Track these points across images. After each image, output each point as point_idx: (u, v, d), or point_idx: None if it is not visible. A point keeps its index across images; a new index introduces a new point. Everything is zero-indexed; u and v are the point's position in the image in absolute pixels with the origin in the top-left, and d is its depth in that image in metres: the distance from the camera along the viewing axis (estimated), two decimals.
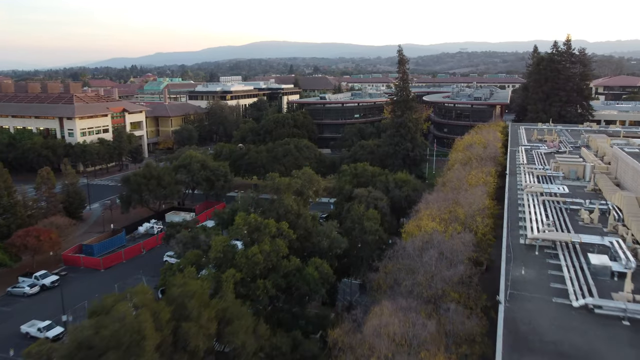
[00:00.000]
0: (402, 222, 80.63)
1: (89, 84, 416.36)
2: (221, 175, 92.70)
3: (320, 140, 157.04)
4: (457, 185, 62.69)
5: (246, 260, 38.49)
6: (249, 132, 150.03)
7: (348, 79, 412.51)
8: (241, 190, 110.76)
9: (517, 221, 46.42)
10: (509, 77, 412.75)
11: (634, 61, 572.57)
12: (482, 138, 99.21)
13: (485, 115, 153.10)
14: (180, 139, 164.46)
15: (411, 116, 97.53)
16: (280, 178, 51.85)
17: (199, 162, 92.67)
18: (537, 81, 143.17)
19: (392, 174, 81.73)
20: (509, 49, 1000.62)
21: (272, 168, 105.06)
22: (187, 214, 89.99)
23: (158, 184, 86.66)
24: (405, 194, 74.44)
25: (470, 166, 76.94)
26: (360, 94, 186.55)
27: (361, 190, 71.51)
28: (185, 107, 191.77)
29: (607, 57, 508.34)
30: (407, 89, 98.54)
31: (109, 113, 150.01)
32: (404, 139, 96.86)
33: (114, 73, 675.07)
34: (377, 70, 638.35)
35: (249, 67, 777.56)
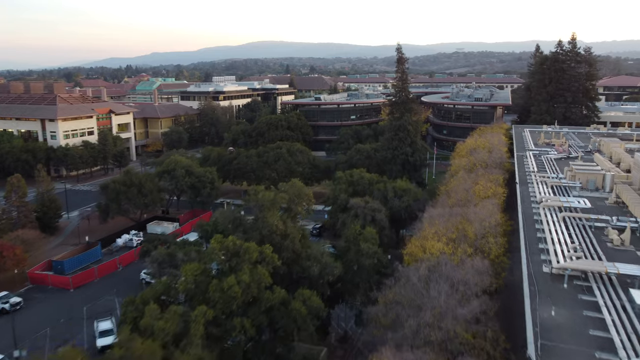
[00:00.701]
0: (402, 234, 74.66)
1: (81, 84, 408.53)
2: (207, 182, 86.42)
3: (315, 143, 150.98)
4: (463, 197, 56.64)
5: (221, 294, 32.40)
6: (240, 134, 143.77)
7: (345, 79, 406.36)
8: (228, 198, 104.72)
9: (536, 242, 40.39)
10: (507, 77, 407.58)
11: (631, 61, 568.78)
12: (486, 142, 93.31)
13: (487, 117, 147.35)
14: (169, 141, 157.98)
15: (410, 118, 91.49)
16: (264, 193, 45.51)
17: (183, 168, 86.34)
18: (541, 81, 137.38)
19: (391, 182, 75.69)
20: (505, 49, 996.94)
21: (263, 174, 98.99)
22: (171, 224, 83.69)
23: (139, 191, 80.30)
24: (405, 204, 68.38)
25: (475, 173, 70.96)
26: (356, 95, 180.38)
27: (357, 201, 65.46)
28: (175, 108, 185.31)
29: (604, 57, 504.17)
30: (407, 90, 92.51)
31: (94, 114, 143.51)
32: (403, 143, 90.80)
33: (109, 73, 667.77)
34: (374, 70, 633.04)
35: (245, 67, 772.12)
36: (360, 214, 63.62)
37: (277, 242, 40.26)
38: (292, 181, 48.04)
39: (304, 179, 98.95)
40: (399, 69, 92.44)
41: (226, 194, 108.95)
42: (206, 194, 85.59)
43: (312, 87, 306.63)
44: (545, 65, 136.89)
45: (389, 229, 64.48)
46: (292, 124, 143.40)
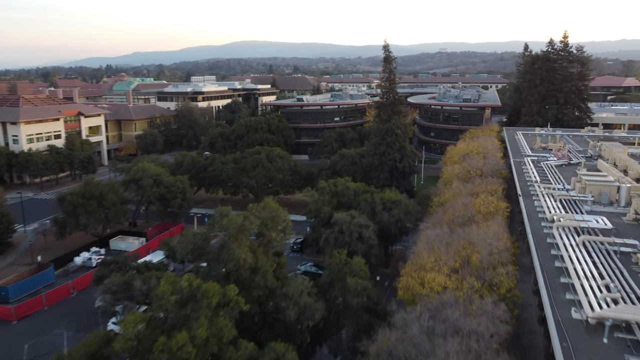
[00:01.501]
0: (391, 250, 67.94)
1: (57, 84, 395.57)
2: (178, 193, 78.70)
3: (297, 146, 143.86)
4: (462, 213, 49.98)
5: (169, 355, 25.28)
6: (218, 137, 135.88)
7: (328, 79, 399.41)
8: (203, 208, 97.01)
9: (556, 274, 33.85)
10: (491, 77, 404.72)
11: (610, 62, 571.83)
12: (479, 146, 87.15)
13: (475, 119, 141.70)
14: (143, 145, 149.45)
15: (399, 121, 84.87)
16: (230, 217, 38.20)
17: (151, 176, 78.47)
18: (532, 82, 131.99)
19: (379, 192, 68.87)
20: (487, 49, 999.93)
21: (240, 182, 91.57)
22: (136, 239, 75.80)
23: (99, 204, 72.34)
24: (395, 218, 61.62)
25: (472, 183, 64.52)
26: (340, 95, 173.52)
27: (342, 216, 58.49)
28: (151, 110, 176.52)
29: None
30: (394, 91, 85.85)
31: (62, 117, 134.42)
32: (391, 148, 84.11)
33: (88, 73, 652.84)
34: (357, 70, 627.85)
35: (227, 67, 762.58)
36: (346, 230, 56.74)
37: (245, 278, 33.25)
38: (264, 201, 40.89)
39: (285, 186, 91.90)
40: (386, 69, 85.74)
41: (201, 203, 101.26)
42: (176, 205, 77.86)
43: (294, 87, 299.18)
44: (536, 65, 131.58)
45: (378, 246, 57.63)
46: (273, 126, 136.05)
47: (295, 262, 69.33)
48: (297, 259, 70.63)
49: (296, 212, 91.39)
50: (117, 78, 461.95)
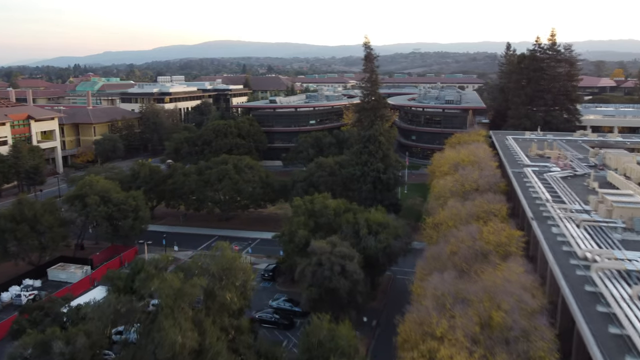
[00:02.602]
0: (376, 282, 58.48)
1: (17, 84, 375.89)
2: (129, 211, 67.77)
3: (270, 152, 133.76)
4: (468, 245, 40.77)
5: None
6: (184, 142, 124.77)
7: (303, 79, 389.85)
8: (164, 225, 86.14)
9: (615, 349, 24.78)
10: (467, 77, 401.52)
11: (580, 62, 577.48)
12: (470, 154, 78.59)
13: (459, 121, 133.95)
14: (102, 151, 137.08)
15: (382, 127, 75.64)
16: (163, 280, 27.97)
17: (98, 193, 67.36)
18: (518, 82, 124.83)
19: (363, 211, 59.45)
20: (459, 49, 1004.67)
21: (204, 195, 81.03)
22: (80, 267, 64.62)
23: (32, 229, 61.00)
24: (383, 244, 52.22)
25: (471, 202, 55.65)
26: (315, 96, 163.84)
27: (321, 244, 48.83)
28: (112, 112, 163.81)
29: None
30: (377, 93, 76.61)
31: (8, 121, 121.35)
32: (374, 157, 74.83)
33: (55, 72, 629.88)
34: (332, 70, 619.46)
35: (200, 67, 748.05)
36: (326, 262, 47.08)
37: None
38: (217, 245, 31.07)
39: (255, 200, 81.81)
40: (367, 68, 76.33)
41: (162, 219, 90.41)
42: (127, 226, 66.88)
43: (268, 88, 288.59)
44: (522, 64, 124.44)
45: (364, 279, 48.13)
46: (244, 130, 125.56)
47: (266, 294, 59.35)
48: (269, 291, 60.61)
49: (268, 228, 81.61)
50: (83, 78, 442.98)
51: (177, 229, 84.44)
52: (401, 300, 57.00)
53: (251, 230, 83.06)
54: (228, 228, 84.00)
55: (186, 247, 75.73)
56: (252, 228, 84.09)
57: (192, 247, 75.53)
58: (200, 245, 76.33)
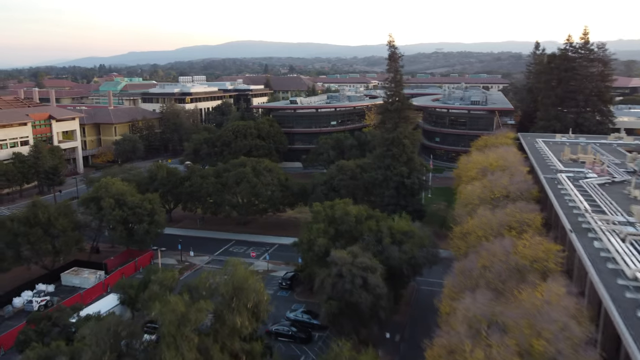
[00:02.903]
0: (399, 293, 55.32)
1: (43, 84, 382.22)
2: (145, 215, 65.96)
3: (290, 153, 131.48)
4: (502, 258, 37.43)
5: None
6: (203, 143, 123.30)
7: (324, 79, 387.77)
8: (181, 228, 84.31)
9: None
10: (491, 77, 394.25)
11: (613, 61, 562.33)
12: (499, 158, 74.80)
13: (484, 123, 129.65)
14: (121, 151, 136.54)
15: (407, 130, 72.41)
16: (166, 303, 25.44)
17: (113, 196, 65.75)
18: (548, 82, 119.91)
19: (386, 218, 56.48)
20: (483, 49, 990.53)
21: (222, 199, 78.91)
22: (93, 272, 62.98)
23: (45, 232, 59.60)
24: (408, 255, 49.16)
25: (502, 211, 52.18)
26: (337, 97, 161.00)
27: (342, 255, 46.02)
28: (132, 112, 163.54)
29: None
30: (401, 94, 73.46)
31: (29, 121, 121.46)
32: (398, 161, 71.64)
33: (81, 72, 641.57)
34: (354, 70, 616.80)
35: (223, 67, 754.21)
36: (346, 274, 44.27)
37: None
38: (228, 262, 28.42)
39: (273, 204, 79.40)
40: (391, 68, 73.13)
41: (179, 222, 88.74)
42: (142, 231, 65.04)
43: (289, 88, 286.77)
44: (553, 64, 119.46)
45: (387, 294, 45.14)
46: (263, 131, 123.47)
47: (283, 304, 56.72)
48: (286, 300, 57.98)
49: (287, 233, 79.20)
50: (107, 78, 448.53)
51: (194, 233, 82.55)
52: (426, 313, 53.89)
53: (269, 235, 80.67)
54: (246, 232, 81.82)
55: (203, 251, 73.71)
56: (270, 233, 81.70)
57: (209, 252, 73.50)
58: (217, 250, 74.26)
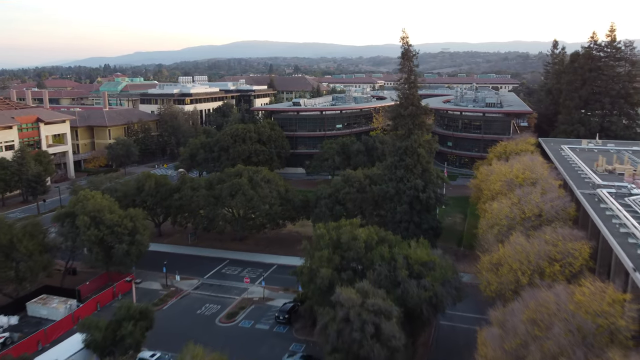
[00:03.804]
0: (416, 332, 46.96)
1: (44, 84, 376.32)
2: (124, 235, 58.00)
3: (292, 158, 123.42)
4: (552, 308, 29.11)
5: None
6: (200, 148, 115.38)
7: (330, 79, 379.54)
8: (169, 244, 76.20)
9: None
10: (500, 78, 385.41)
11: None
12: (525, 168, 66.42)
13: (501, 127, 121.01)
14: (114, 155, 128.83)
15: (422, 138, 64.09)
16: None
17: (89, 213, 57.82)
18: (571, 83, 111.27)
19: (401, 243, 48.25)
20: (489, 49, 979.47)
21: (214, 213, 70.80)
22: (64, 302, 55.00)
23: (7, 256, 51.73)
24: (429, 293, 40.88)
25: (538, 234, 43.92)
26: (342, 98, 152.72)
27: (349, 293, 37.98)
28: (128, 114, 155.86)
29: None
30: (417, 97, 65.20)
31: (15, 124, 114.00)
32: (412, 172, 63.33)
33: (85, 72, 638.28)
34: (359, 70, 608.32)
35: (228, 67, 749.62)
36: (355, 319, 36.20)
37: None
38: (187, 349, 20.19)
39: (272, 219, 71.27)
40: (404, 67, 64.76)
41: (170, 236, 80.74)
42: (121, 252, 57.07)
43: (294, 88, 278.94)
44: (577, 63, 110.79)
45: (404, 346, 36.88)
46: (264, 135, 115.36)
47: (280, 343, 48.58)
48: (284, 338, 49.74)
49: (287, 250, 71.32)
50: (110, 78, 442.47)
51: (184, 250, 74.57)
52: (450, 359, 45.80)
53: (267, 253, 72.59)
54: (241, 250, 73.74)
55: (192, 273, 65.69)
56: (268, 250, 73.61)
57: (199, 274, 65.46)
58: (209, 272, 66.22)
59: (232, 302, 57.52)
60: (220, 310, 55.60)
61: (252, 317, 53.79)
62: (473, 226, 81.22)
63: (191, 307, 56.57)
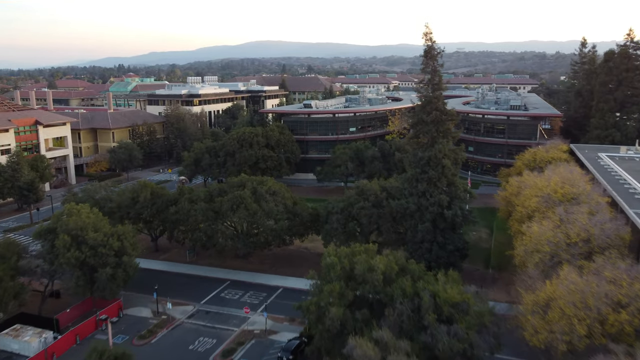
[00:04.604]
0: None
1: (55, 84, 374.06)
2: (110, 256, 51.27)
3: (303, 163, 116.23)
4: None
5: None
6: (205, 153, 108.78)
7: (343, 80, 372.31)
8: (166, 261, 69.23)
9: None
10: (518, 78, 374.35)
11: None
12: (563, 182, 58.42)
13: (526, 131, 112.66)
14: (116, 160, 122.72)
15: (447, 147, 56.48)
16: None
17: (70, 231, 51.17)
18: (605, 84, 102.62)
19: (427, 275, 40.82)
20: (505, 49, 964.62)
21: (214, 229, 63.77)
22: (38, 334, 48.32)
23: None
24: (462, 344, 33.36)
25: (597, 272, 36.17)
26: (356, 100, 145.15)
27: (364, 348, 30.68)
28: (133, 116, 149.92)
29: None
30: (442, 101, 57.53)
31: (12, 127, 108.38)
32: (435, 186, 55.75)
33: (100, 72, 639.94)
34: (373, 70, 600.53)
35: (241, 67, 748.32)
36: None
37: None
38: None
39: (277, 236, 64.07)
40: (427, 67, 57.09)
41: (167, 252, 73.94)
42: (105, 277, 50.25)
43: (306, 89, 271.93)
44: (612, 62, 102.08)
45: None
46: (273, 140, 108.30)
47: None
48: None
49: (295, 270, 64.41)
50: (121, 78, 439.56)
51: (181, 268, 67.72)
52: None
53: (272, 273, 65.44)
54: (244, 269, 66.68)
55: (187, 297, 58.69)
56: (274, 270, 66.46)
57: (195, 299, 58.45)
58: (206, 296, 59.21)
59: (230, 334, 50.38)
60: (216, 345, 48.47)
61: (252, 355, 46.58)
62: (501, 243, 73.38)
63: (183, 340, 49.58)
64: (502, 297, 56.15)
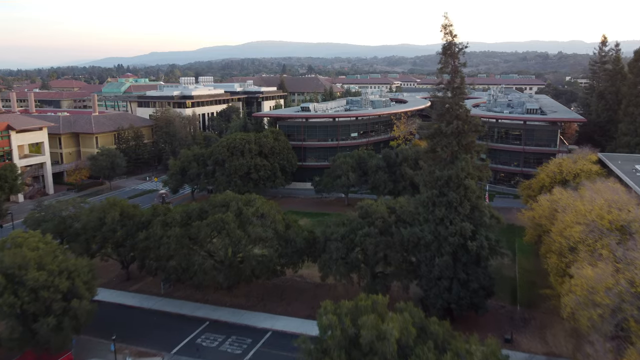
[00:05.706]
0: None
1: (49, 85, 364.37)
2: (56, 300, 41.33)
3: (300, 172, 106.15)
4: None
5: None
6: (192, 161, 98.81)
7: (344, 80, 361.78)
8: (138, 290, 59.04)
9: None
10: (524, 78, 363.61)
11: None
12: (608, 203, 48.32)
13: (545, 137, 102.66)
14: (97, 167, 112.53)
15: (470, 165, 46.57)
16: None
17: (6, 270, 41.16)
18: (635, 86, 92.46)
19: (453, 337, 30.74)
20: (506, 49, 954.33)
21: (190, 261, 53.57)
22: None
23: None
24: None
25: None
26: (358, 102, 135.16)
27: None
28: (119, 119, 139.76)
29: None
30: (464, 108, 47.60)
31: None
32: (456, 211, 45.77)
33: (99, 72, 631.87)
34: (374, 71, 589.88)
35: (241, 67, 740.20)
36: None
37: None
38: None
39: (265, 268, 53.95)
40: (446, 66, 47.13)
41: (139, 281, 63.74)
42: (48, 327, 40.22)
43: (305, 90, 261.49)
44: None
45: None
46: (266, 147, 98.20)
47: None
48: None
49: (287, 307, 54.77)
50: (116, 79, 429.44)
51: (153, 303, 57.61)
52: None
53: (260, 310, 55.36)
54: (227, 305, 56.62)
55: (155, 344, 48.60)
56: (262, 306, 56.36)
57: (165, 346, 48.32)
58: (179, 342, 49.08)
59: None
60: None
61: None
62: (528, 271, 63.35)
63: None
64: (537, 346, 46.29)
